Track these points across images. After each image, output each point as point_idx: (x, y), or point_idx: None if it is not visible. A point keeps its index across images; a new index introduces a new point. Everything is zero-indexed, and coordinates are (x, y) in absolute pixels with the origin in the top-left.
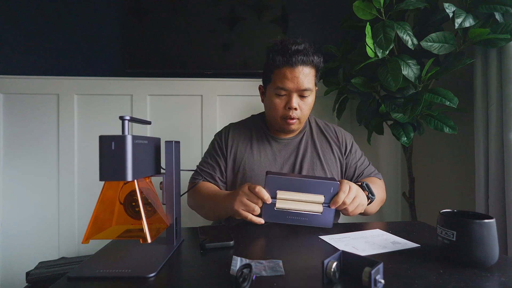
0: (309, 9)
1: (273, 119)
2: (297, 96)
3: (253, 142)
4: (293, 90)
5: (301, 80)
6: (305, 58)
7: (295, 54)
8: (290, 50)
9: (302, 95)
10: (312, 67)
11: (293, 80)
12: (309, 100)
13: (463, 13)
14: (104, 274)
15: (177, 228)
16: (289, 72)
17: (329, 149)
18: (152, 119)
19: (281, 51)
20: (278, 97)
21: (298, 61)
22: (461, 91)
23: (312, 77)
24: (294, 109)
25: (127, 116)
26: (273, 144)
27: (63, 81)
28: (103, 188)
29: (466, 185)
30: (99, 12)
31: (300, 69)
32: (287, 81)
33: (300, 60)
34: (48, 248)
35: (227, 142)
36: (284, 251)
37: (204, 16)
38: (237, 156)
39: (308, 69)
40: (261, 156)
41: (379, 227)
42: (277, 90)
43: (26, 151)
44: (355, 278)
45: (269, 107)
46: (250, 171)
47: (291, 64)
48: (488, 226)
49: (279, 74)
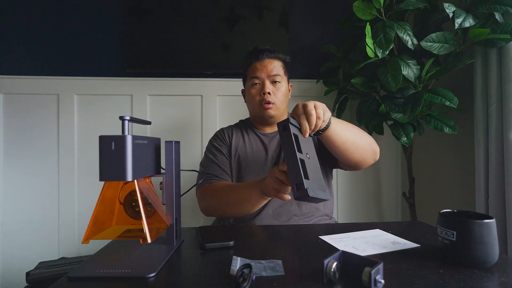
0: (309, 9)
1: (253, 110)
2: (269, 83)
3: (245, 137)
4: (265, 77)
5: (270, 68)
6: (271, 54)
7: (263, 51)
8: (258, 49)
9: (274, 81)
10: (279, 60)
11: (263, 69)
12: (281, 88)
13: (463, 13)
14: (104, 274)
15: (177, 228)
16: (258, 64)
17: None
18: (152, 119)
19: (251, 52)
20: (253, 88)
21: (265, 55)
22: (461, 91)
23: (280, 67)
24: (268, 93)
25: (127, 116)
26: (262, 138)
27: (63, 81)
28: (103, 188)
29: (466, 185)
30: (99, 12)
31: (268, 61)
32: (258, 71)
33: (267, 55)
34: (48, 248)
35: (225, 139)
36: (284, 251)
37: (204, 16)
38: (233, 150)
39: (276, 61)
40: (253, 148)
41: (379, 227)
42: (251, 80)
43: (26, 151)
44: (355, 278)
45: (248, 100)
46: (244, 162)
47: (260, 58)
48: (488, 226)
49: (251, 68)
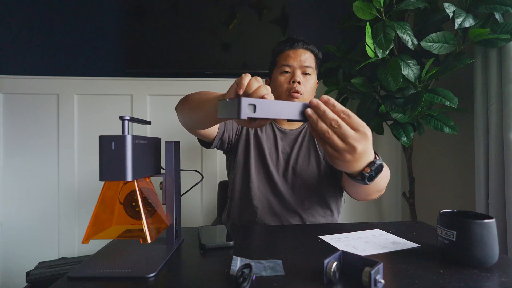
0: (309, 9)
1: (278, 98)
2: (300, 73)
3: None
4: (296, 67)
5: (303, 58)
6: (306, 45)
7: (297, 41)
8: (293, 38)
9: (305, 72)
10: (312, 53)
11: (296, 58)
12: (311, 81)
13: (463, 13)
14: (104, 274)
15: (177, 228)
16: (292, 52)
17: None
18: (152, 119)
19: (285, 40)
20: (283, 75)
21: (300, 45)
22: (461, 91)
23: (312, 60)
24: (298, 82)
25: (127, 116)
26: (276, 133)
27: (63, 81)
28: (103, 188)
29: (466, 185)
30: (99, 12)
31: (302, 50)
32: (291, 59)
33: (301, 45)
34: (48, 248)
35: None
36: (284, 251)
37: (204, 16)
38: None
39: (309, 53)
40: (265, 140)
41: (379, 227)
42: (281, 67)
43: (26, 151)
44: (355, 278)
45: (275, 86)
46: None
47: (294, 47)
48: (488, 226)
49: (283, 55)
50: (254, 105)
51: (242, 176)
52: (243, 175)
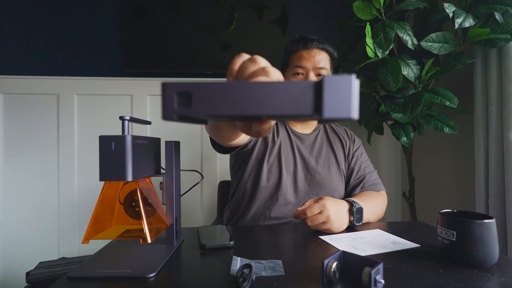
0: (309, 9)
1: None
2: (314, 75)
3: (274, 132)
4: (310, 68)
5: (317, 59)
6: (320, 44)
7: (311, 40)
8: (307, 37)
9: (319, 74)
10: (327, 53)
11: (310, 59)
12: None
13: (463, 13)
14: (104, 274)
15: (177, 228)
16: (305, 53)
17: (341, 147)
18: (152, 119)
19: (298, 39)
20: (295, 77)
21: (314, 45)
22: (461, 91)
23: (327, 61)
24: None
25: (127, 116)
26: (292, 137)
27: (63, 81)
28: (103, 188)
29: (466, 185)
30: (99, 12)
31: (316, 51)
32: (304, 60)
33: (316, 45)
34: (48, 248)
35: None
36: (284, 251)
37: (204, 16)
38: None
39: (324, 53)
40: (281, 144)
41: (379, 227)
42: (295, 69)
43: (26, 151)
44: (355, 278)
45: None
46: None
47: (307, 47)
48: (488, 226)
49: (296, 56)
50: (189, 93)
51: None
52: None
